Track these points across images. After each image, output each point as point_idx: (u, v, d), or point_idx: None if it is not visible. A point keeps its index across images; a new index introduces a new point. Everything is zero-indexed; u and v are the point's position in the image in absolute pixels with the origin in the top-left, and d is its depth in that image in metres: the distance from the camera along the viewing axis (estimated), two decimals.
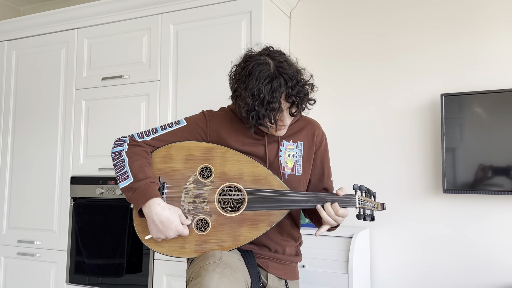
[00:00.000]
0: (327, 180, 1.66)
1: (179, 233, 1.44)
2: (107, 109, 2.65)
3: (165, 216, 1.41)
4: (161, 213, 1.41)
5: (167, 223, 1.42)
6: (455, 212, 2.25)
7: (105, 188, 2.56)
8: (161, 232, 1.43)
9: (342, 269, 2.06)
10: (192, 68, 2.45)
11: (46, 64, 2.88)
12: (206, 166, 1.52)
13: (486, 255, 2.19)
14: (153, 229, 1.44)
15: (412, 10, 2.41)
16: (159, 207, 1.42)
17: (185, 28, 2.49)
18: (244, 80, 1.43)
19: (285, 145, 1.58)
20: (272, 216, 1.47)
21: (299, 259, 1.65)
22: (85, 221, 2.55)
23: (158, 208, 1.42)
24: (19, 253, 2.81)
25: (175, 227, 1.43)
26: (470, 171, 2.15)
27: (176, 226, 1.43)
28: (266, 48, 1.51)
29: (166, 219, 1.41)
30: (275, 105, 1.40)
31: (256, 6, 2.32)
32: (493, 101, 2.13)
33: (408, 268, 2.33)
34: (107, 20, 2.70)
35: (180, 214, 1.46)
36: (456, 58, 2.30)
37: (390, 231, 2.37)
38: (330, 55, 2.57)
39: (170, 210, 1.43)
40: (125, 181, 1.46)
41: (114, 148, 1.54)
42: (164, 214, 1.41)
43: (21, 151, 2.92)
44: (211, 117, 1.59)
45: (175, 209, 1.46)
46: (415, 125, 2.36)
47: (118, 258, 2.45)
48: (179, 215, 1.45)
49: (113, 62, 2.66)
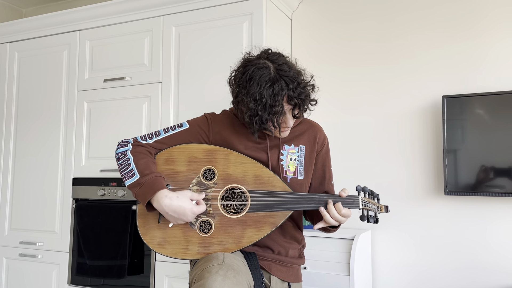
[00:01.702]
0: (328, 183, 1.66)
1: (196, 214, 1.45)
2: (109, 110, 2.65)
3: (175, 205, 1.42)
4: (170, 203, 1.42)
5: (180, 211, 1.42)
6: (457, 214, 2.26)
7: (107, 189, 2.57)
8: (178, 219, 1.44)
9: (344, 271, 2.06)
10: (194, 70, 2.46)
11: (48, 65, 2.89)
12: (209, 168, 1.52)
13: (488, 257, 2.19)
14: (170, 218, 1.45)
15: (413, 12, 2.42)
16: (166, 198, 1.42)
17: (186, 30, 2.50)
18: (245, 85, 1.43)
19: (287, 149, 1.58)
20: (275, 218, 1.48)
21: (302, 261, 1.65)
22: (87, 223, 2.56)
23: (166, 200, 1.42)
24: (21, 254, 2.81)
25: (190, 211, 1.43)
26: (472, 173, 2.15)
27: (190, 209, 1.43)
28: (264, 51, 1.51)
29: (178, 207, 1.42)
30: (278, 108, 1.40)
31: (257, 8, 2.33)
32: (495, 102, 2.14)
33: (409, 270, 2.33)
34: (109, 22, 2.70)
35: (190, 195, 1.46)
36: (458, 60, 2.31)
37: (392, 233, 2.38)
38: (332, 57, 2.58)
39: (178, 197, 1.43)
40: (131, 178, 1.47)
41: (118, 149, 1.55)
42: (173, 204, 1.42)
43: (23, 152, 2.92)
44: (213, 120, 1.59)
45: (183, 193, 1.45)
46: (417, 127, 2.37)
47: (119, 259, 2.45)
48: (190, 196, 1.45)
49: (115, 64, 2.67)
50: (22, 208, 2.88)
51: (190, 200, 1.45)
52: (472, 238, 2.22)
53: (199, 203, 1.47)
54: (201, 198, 1.47)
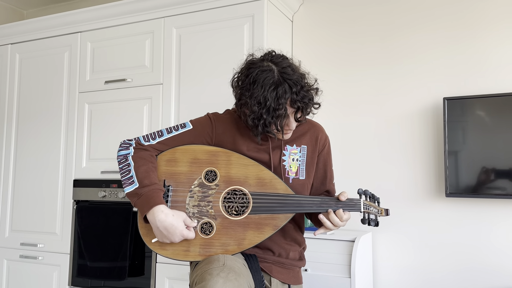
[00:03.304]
0: (329, 183, 1.66)
1: (184, 237, 1.45)
2: (110, 112, 2.66)
3: (168, 223, 1.42)
4: (165, 219, 1.42)
5: (171, 229, 1.42)
6: (458, 216, 2.26)
7: (108, 191, 2.57)
8: (166, 237, 1.44)
9: (345, 273, 2.06)
10: (195, 72, 2.46)
11: (49, 67, 2.89)
12: (211, 169, 1.52)
13: (489, 259, 2.19)
14: (158, 234, 1.45)
15: (414, 14, 2.42)
16: (162, 214, 1.42)
17: (187, 32, 2.50)
18: (248, 88, 1.43)
19: (289, 149, 1.58)
20: (277, 220, 1.48)
21: (302, 263, 1.65)
22: (88, 224, 2.56)
23: (161, 216, 1.42)
24: (21, 255, 2.81)
25: (180, 232, 1.43)
26: (473, 175, 2.15)
27: (180, 231, 1.43)
28: (268, 53, 1.50)
29: (170, 225, 1.42)
30: (281, 111, 1.41)
31: (258, 10, 2.33)
32: (496, 104, 2.14)
33: (410, 272, 2.33)
34: (110, 23, 2.71)
35: (184, 218, 1.46)
36: (459, 62, 2.31)
37: (393, 235, 2.38)
38: (333, 59, 2.58)
39: (173, 216, 1.43)
40: (130, 186, 1.47)
41: (120, 151, 1.54)
42: (167, 220, 1.42)
43: (24, 153, 2.92)
44: (216, 120, 1.59)
45: (179, 213, 1.46)
46: (418, 129, 2.37)
47: (120, 261, 2.45)
48: (184, 219, 1.46)
49: (116, 66, 2.67)
50: (23, 209, 2.88)
51: (183, 223, 1.45)
52: (473, 240, 2.22)
53: (190, 229, 1.47)
54: (192, 226, 1.47)
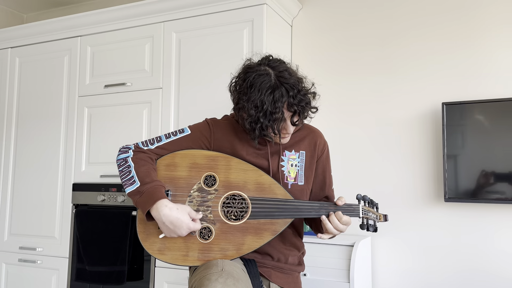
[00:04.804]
0: (328, 189, 1.66)
1: (190, 230, 1.45)
2: (109, 116, 2.66)
3: (174, 217, 1.42)
4: (170, 214, 1.42)
5: (177, 223, 1.42)
6: (457, 221, 2.26)
7: (107, 195, 2.57)
8: (172, 231, 1.44)
9: (344, 277, 2.06)
10: (194, 76, 2.47)
11: (49, 71, 2.89)
12: (210, 174, 1.53)
13: (488, 264, 2.19)
14: (164, 229, 1.45)
15: (413, 19, 2.43)
16: (166, 208, 1.42)
17: (187, 36, 2.51)
18: (246, 92, 1.44)
19: (288, 155, 1.58)
20: (276, 225, 1.48)
21: (301, 268, 1.65)
22: (87, 228, 2.55)
23: (166, 210, 1.42)
24: (20, 259, 2.80)
25: (186, 225, 1.43)
26: (472, 179, 2.15)
27: (187, 224, 1.43)
28: (265, 57, 1.51)
29: (175, 219, 1.42)
30: (278, 115, 1.41)
31: (258, 15, 2.34)
32: (494, 109, 2.14)
33: (409, 276, 2.33)
34: (110, 28, 2.71)
35: (189, 211, 1.46)
36: (457, 67, 2.32)
37: (392, 239, 2.38)
38: (332, 64, 2.59)
39: (178, 209, 1.43)
40: (131, 186, 1.47)
41: (119, 155, 1.55)
42: (172, 214, 1.42)
43: (24, 157, 2.92)
44: (214, 126, 1.60)
45: (183, 207, 1.46)
46: (416, 134, 2.37)
47: (119, 265, 2.45)
48: (188, 212, 1.46)
49: (116, 70, 2.67)
50: (22, 213, 2.88)
51: (188, 215, 1.45)
52: (472, 245, 2.22)
53: (196, 221, 1.47)
54: (198, 218, 1.47)
